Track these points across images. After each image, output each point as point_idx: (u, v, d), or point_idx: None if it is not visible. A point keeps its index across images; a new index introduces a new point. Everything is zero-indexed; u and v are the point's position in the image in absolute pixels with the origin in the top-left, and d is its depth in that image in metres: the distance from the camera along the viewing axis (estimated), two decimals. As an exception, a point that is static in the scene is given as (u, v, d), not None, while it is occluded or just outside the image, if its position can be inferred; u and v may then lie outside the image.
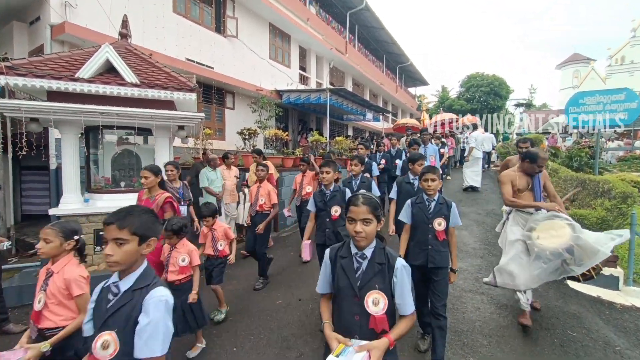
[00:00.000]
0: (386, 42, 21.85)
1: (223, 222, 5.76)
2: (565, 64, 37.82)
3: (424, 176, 2.68)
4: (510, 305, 3.37)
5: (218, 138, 10.35)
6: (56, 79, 3.82)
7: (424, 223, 2.62)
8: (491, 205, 7.37)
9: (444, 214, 2.59)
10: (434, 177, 2.65)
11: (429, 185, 2.65)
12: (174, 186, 3.89)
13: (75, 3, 6.79)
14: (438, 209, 2.61)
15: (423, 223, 2.63)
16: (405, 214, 2.73)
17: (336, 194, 3.24)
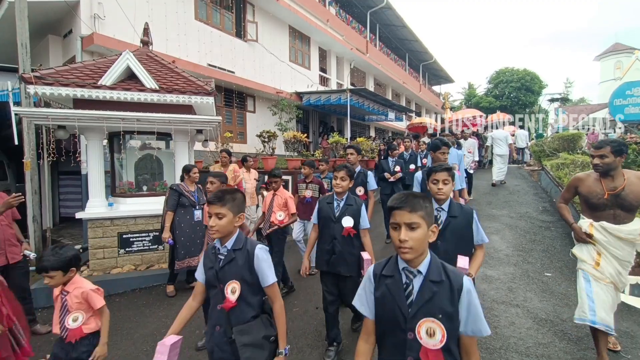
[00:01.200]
0: (408, 40, 21.31)
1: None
2: (606, 55, 35.14)
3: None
4: (550, 320, 3.03)
5: (239, 141, 10.47)
6: (80, 86, 3.95)
7: None
8: (524, 208, 6.86)
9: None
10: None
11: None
12: (189, 189, 3.88)
13: (103, 15, 7.10)
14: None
15: None
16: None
17: None
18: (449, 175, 2.06)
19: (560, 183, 6.71)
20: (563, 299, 3.42)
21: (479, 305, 1.20)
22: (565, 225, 5.65)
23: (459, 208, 2.03)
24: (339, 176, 2.66)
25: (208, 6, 9.53)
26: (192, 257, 3.88)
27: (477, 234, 2.03)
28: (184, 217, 3.83)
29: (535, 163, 11.46)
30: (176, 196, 3.78)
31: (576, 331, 2.85)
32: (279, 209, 3.75)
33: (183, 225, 3.82)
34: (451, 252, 1.88)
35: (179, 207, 3.80)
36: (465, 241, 2.01)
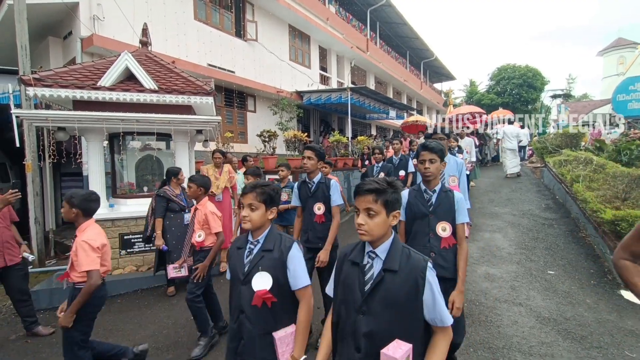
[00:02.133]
0: (409, 37, 21.21)
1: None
2: (608, 50, 34.84)
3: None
4: (553, 318, 3.00)
5: (240, 141, 10.45)
6: (79, 88, 3.94)
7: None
8: (527, 205, 6.81)
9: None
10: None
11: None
12: (175, 193, 3.86)
13: (102, 16, 7.09)
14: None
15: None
16: None
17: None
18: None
19: (563, 180, 6.66)
20: (566, 297, 3.39)
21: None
22: (569, 222, 5.62)
23: (405, 258, 1.20)
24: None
25: (207, 6, 9.51)
26: None
27: (432, 306, 1.17)
28: (174, 221, 3.81)
29: (537, 160, 11.39)
30: (164, 202, 3.76)
31: (580, 330, 2.82)
32: (200, 226, 2.95)
33: (174, 229, 3.79)
34: (381, 333, 1.15)
35: (168, 212, 3.78)
36: (407, 316, 1.17)
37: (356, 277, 1.23)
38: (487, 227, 5.70)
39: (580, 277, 3.82)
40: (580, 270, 4.00)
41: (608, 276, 3.80)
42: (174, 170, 3.90)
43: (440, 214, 2.01)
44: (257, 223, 1.55)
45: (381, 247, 1.23)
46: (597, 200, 4.61)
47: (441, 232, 1.99)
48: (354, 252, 1.30)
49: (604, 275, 3.83)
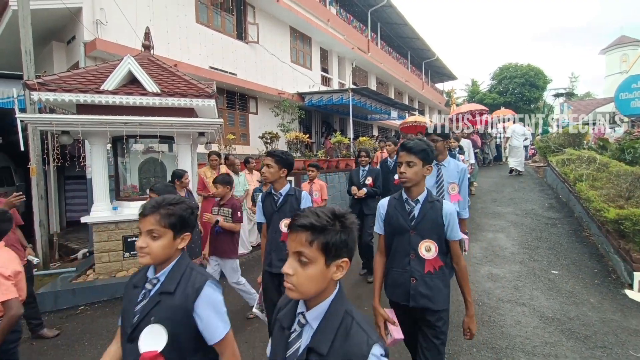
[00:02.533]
0: (410, 37, 21.22)
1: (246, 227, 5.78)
2: (611, 48, 34.62)
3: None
4: (557, 318, 2.99)
5: (242, 143, 10.49)
6: (83, 92, 3.98)
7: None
8: (530, 205, 6.79)
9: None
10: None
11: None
12: None
13: (105, 20, 7.15)
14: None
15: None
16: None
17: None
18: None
19: (566, 179, 6.62)
20: (570, 297, 3.38)
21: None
22: (572, 222, 5.59)
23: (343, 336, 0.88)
24: None
25: (209, 9, 9.57)
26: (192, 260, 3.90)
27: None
28: None
29: (540, 159, 11.34)
30: None
31: (584, 330, 2.81)
32: None
33: None
34: None
35: None
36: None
37: (281, 347, 0.92)
38: (490, 227, 5.69)
39: (584, 277, 3.80)
40: (584, 270, 3.98)
41: (612, 275, 3.78)
42: (179, 172, 3.93)
43: (424, 230, 1.65)
44: (159, 257, 1.16)
45: (316, 309, 0.89)
46: (600, 199, 4.59)
47: (425, 252, 1.64)
48: (286, 307, 0.98)
49: (608, 275, 3.81)
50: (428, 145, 1.71)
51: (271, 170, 2.32)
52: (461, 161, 4.48)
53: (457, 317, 3.07)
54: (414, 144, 1.68)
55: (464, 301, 1.75)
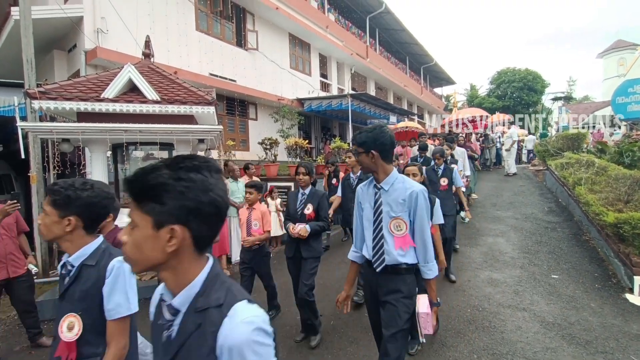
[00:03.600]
0: (408, 43, 21.40)
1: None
2: (608, 52, 34.87)
3: None
4: (557, 323, 2.98)
5: (242, 149, 10.53)
6: (84, 100, 4.01)
7: None
8: (530, 209, 6.79)
9: None
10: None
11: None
12: None
13: (106, 29, 7.24)
14: None
15: None
16: None
17: None
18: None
19: (565, 183, 6.64)
20: (570, 301, 3.36)
21: None
22: (572, 226, 5.59)
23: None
24: None
25: (208, 17, 9.68)
26: None
27: None
28: None
29: (539, 163, 11.36)
30: None
31: (585, 335, 2.80)
32: None
33: None
34: None
35: None
36: None
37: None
38: (489, 232, 5.68)
39: (585, 281, 3.79)
40: (584, 274, 3.97)
41: (612, 280, 3.77)
42: None
43: None
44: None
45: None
46: (599, 202, 4.59)
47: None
48: None
49: (609, 279, 3.80)
50: (381, 136, 1.72)
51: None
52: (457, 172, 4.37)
53: (457, 323, 3.06)
54: (360, 135, 1.77)
55: None
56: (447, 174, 4.23)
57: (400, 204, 1.70)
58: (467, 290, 3.70)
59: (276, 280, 3.50)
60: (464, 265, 4.38)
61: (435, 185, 4.08)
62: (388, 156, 1.74)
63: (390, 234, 1.72)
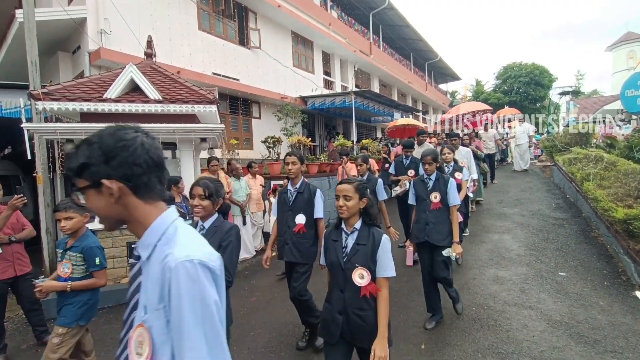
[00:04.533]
0: (412, 39, 21.20)
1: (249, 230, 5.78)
2: (617, 45, 34.13)
3: None
4: (565, 322, 2.92)
5: (246, 147, 10.54)
6: (86, 101, 4.04)
7: None
8: (536, 205, 6.68)
9: None
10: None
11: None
12: (176, 202, 3.92)
13: (109, 30, 7.27)
14: None
15: None
16: None
17: None
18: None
19: (573, 179, 6.51)
20: (578, 299, 3.30)
21: None
22: (580, 222, 5.49)
23: None
24: None
25: (211, 16, 9.68)
26: None
27: None
28: None
29: (547, 158, 11.19)
30: None
31: (593, 334, 2.74)
32: None
33: None
34: None
35: None
36: None
37: None
38: (495, 229, 5.61)
39: (593, 279, 3.71)
40: (592, 271, 3.89)
41: (622, 277, 3.69)
42: (174, 179, 3.98)
43: None
44: None
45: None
46: (608, 198, 4.50)
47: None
48: None
49: (618, 276, 3.72)
50: None
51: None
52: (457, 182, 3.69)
53: (462, 322, 3.02)
54: None
55: None
56: (440, 187, 3.06)
57: None
58: (472, 288, 3.65)
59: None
60: (469, 263, 4.33)
61: (425, 202, 3.07)
62: (149, 186, 0.84)
63: None
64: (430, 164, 3.08)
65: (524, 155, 10.52)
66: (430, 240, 2.94)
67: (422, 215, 3.04)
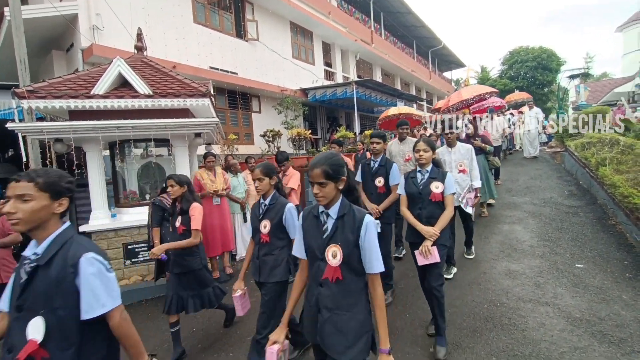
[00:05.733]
0: (415, 26, 20.65)
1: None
2: (628, 25, 32.92)
3: None
4: (585, 319, 2.71)
5: (247, 142, 10.37)
6: (73, 97, 3.86)
7: None
8: (548, 193, 6.40)
9: None
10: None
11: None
12: None
13: (102, 26, 7.09)
14: None
15: None
16: None
17: None
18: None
19: (587, 164, 6.20)
20: (599, 293, 3.07)
21: None
22: (596, 210, 5.21)
23: None
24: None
25: (206, 8, 9.42)
26: None
27: None
28: None
29: (557, 144, 10.80)
30: (160, 211, 3.65)
31: (618, 332, 2.52)
32: None
33: (170, 239, 3.65)
34: None
35: (164, 221, 3.67)
36: None
37: None
38: (505, 219, 5.36)
39: (613, 270, 3.47)
40: (612, 262, 3.65)
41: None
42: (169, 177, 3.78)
43: None
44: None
45: None
46: (627, 184, 4.22)
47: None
48: None
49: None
50: None
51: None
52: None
53: (473, 321, 2.83)
54: None
55: None
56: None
57: None
58: (482, 283, 3.44)
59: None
60: (479, 257, 4.11)
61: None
62: None
63: None
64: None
65: (533, 141, 10.14)
66: None
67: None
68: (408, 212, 2.69)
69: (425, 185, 2.60)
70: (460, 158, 3.84)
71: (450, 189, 2.56)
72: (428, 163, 2.64)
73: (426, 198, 2.58)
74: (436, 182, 2.57)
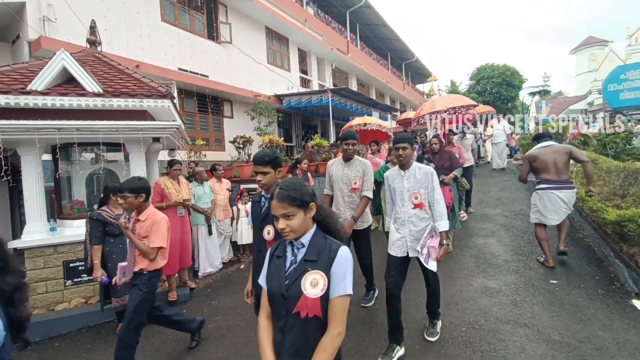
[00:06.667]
0: (389, 39, 21.14)
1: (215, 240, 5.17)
2: (580, 48, 36.07)
3: None
4: (565, 341, 2.59)
5: (217, 149, 9.87)
6: (4, 93, 3.34)
7: None
8: (518, 205, 6.51)
9: None
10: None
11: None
12: (113, 214, 3.28)
13: (54, 17, 6.43)
14: None
15: None
16: None
17: None
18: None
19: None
20: (575, 312, 2.99)
21: None
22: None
23: None
24: None
25: (175, 7, 8.94)
26: None
27: None
28: (115, 247, 3.24)
29: (522, 157, 11.24)
30: (100, 226, 3.21)
31: (599, 356, 2.41)
32: None
33: (116, 257, 3.19)
34: None
35: (107, 237, 3.23)
36: None
37: None
38: (479, 231, 5.33)
39: (586, 286, 3.45)
40: (584, 278, 3.63)
41: (615, 283, 3.45)
42: (113, 187, 3.33)
43: None
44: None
45: None
46: (594, 198, 4.29)
47: None
48: None
49: (611, 282, 3.47)
50: None
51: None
52: None
53: (451, 347, 2.63)
54: None
55: None
56: None
57: None
58: (460, 302, 3.28)
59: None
60: (454, 272, 3.98)
61: None
62: None
63: None
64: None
65: (501, 153, 10.48)
66: None
67: None
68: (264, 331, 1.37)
69: (293, 278, 1.29)
70: (416, 186, 2.52)
71: (339, 286, 1.27)
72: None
73: (291, 306, 1.27)
74: (313, 274, 1.27)
